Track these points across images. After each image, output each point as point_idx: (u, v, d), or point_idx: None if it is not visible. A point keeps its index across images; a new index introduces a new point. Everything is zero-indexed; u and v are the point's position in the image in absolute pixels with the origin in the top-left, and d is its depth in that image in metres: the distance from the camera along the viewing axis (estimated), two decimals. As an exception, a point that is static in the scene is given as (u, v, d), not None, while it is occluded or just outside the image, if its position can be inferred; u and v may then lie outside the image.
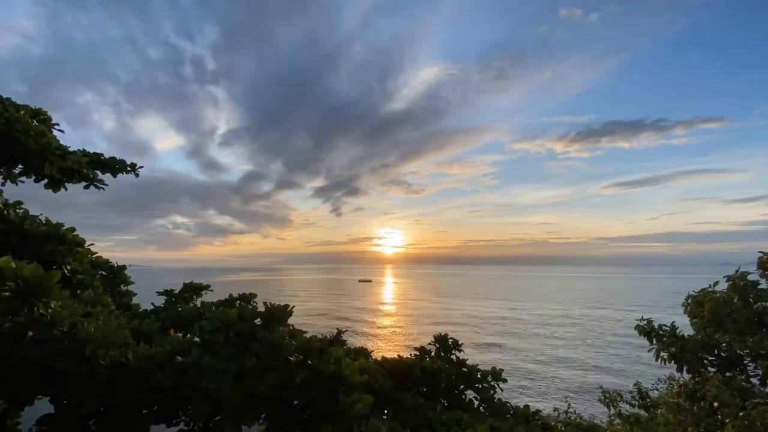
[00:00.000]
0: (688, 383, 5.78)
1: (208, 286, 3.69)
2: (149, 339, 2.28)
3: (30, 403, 1.95)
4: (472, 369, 3.07)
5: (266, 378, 1.99)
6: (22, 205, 3.19)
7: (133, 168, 3.85)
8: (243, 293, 3.51)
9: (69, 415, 1.85)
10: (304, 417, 2.21)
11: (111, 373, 1.78)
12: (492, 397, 2.96)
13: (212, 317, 2.28)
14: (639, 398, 6.43)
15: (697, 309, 6.33)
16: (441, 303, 65.88)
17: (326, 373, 2.15)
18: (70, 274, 2.99)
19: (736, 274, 6.31)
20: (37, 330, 1.67)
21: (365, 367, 2.44)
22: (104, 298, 2.76)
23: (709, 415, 4.80)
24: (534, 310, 55.44)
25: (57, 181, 3.34)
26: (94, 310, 2.28)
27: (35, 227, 2.95)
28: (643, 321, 6.65)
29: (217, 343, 2.03)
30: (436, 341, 3.32)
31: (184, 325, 2.92)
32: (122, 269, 3.59)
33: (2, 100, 3.09)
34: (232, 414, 1.87)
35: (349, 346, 3.03)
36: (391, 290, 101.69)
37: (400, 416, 2.33)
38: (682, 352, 5.79)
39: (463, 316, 50.04)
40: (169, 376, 1.81)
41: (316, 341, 2.35)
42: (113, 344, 1.82)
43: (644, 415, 5.92)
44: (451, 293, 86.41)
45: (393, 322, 46.00)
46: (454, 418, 2.33)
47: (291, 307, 2.48)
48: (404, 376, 2.82)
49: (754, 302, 5.98)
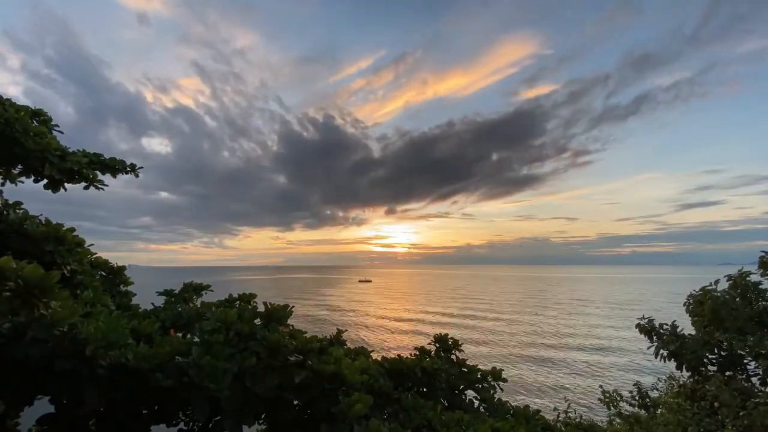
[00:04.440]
0: (687, 383, 5.78)
1: (208, 286, 3.69)
2: (149, 339, 2.28)
3: (30, 404, 1.95)
4: (472, 369, 3.07)
5: (266, 378, 1.99)
6: (21, 205, 3.19)
7: (133, 168, 3.86)
8: (243, 293, 3.51)
9: (69, 415, 1.85)
10: (304, 417, 2.20)
11: (111, 373, 1.78)
12: (492, 397, 2.96)
13: (212, 317, 2.28)
14: (639, 398, 6.43)
15: (698, 308, 6.34)
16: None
17: (326, 373, 2.15)
18: (70, 274, 3.00)
19: (737, 274, 6.32)
20: (37, 330, 1.66)
21: (365, 367, 2.44)
22: (104, 298, 2.76)
23: (709, 415, 4.80)
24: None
25: (57, 181, 3.34)
26: (94, 310, 2.28)
27: (35, 227, 2.95)
28: (644, 319, 6.66)
29: (217, 343, 2.03)
30: (436, 341, 3.32)
31: (184, 325, 2.92)
32: (122, 269, 3.59)
33: (2, 101, 3.10)
34: (232, 414, 1.87)
35: (349, 346, 3.03)
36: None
37: (400, 416, 2.33)
38: (682, 350, 5.80)
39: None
40: (169, 376, 1.80)
41: (316, 341, 2.35)
42: (113, 344, 1.81)
43: (644, 414, 5.91)
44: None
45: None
46: (455, 418, 2.33)
47: (291, 308, 2.49)
48: (404, 376, 2.82)
49: (754, 302, 5.99)
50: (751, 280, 6.15)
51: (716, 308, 5.88)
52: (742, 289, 6.07)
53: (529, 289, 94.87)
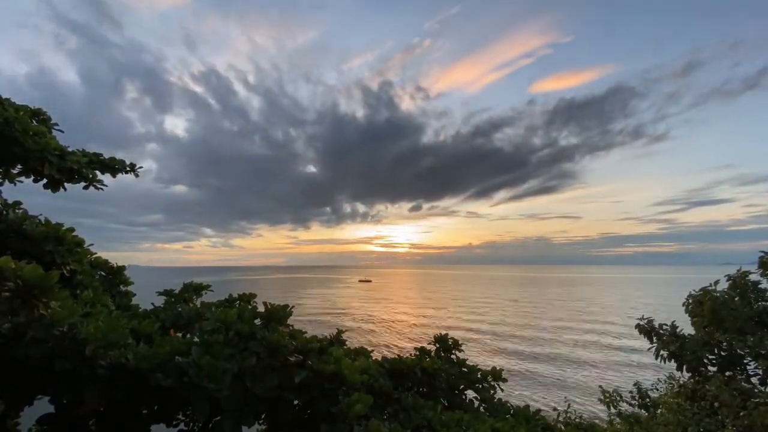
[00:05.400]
0: (688, 383, 5.78)
1: (208, 286, 3.68)
2: (149, 339, 2.28)
3: (30, 404, 1.95)
4: (472, 369, 3.07)
5: (266, 378, 1.99)
6: (21, 205, 3.19)
7: (133, 168, 3.86)
8: (243, 293, 3.51)
9: (69, 415, 1.85)
10: (304, 417, 2.20)
11: (111, 373, 1.77)
12: (492, 397, 2.96)
13: (212, 317, 2.28)
14: (639, 398, 6.43)
15: (697, 308, 6.34)
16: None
17: (326, 373, 2.15)
18: (70, 274, 2.99)
19: (736, 274, 6.32)
20: (37, 330, 1.66)
21: (365, 367, 2.44)
22: (104, 298, 2.76)
23: (710, 415, 4.80)
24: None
25: (56, 181, 3.33)
26: (93, 311, 2.27)
27: (35, 227, 2.95)
28: (643, 320, 6.66)
29: (217, 343, 2.03)
30: (436, 341, 3.32)
31: (184, 325, 2.92)
32: (121, 269, 3.59)
33: (2, 101, 3.09)
34: (232, 414, 1.87)
35: (349, 346, 3.03)
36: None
37: (400, 416, 2.33)
38: (682, 350, 5.80)
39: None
40: (169, 376, 1.80)
41: (316, 341, 2.35)
42: (113, 344, 1.81)
43: (644, 414, 5.92)
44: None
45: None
46: (455, 418, 2.33)
47: (291, 308, 2.48)
48: (404, 376, 2.82)
49: (754, 302, 5.99)
50: (750, 280, 6.15)
51: (716, 308, 5.88)
52: (741, 289, 6.07)
53: (543, 294, 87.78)
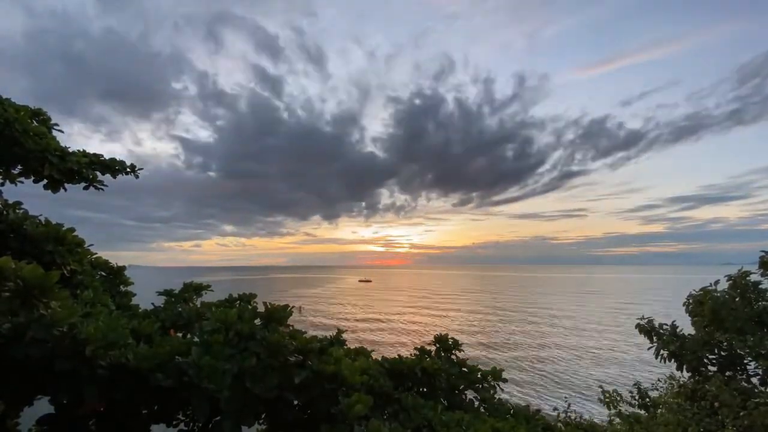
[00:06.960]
0: (688, 383, 5.78)
1: (208, 286, 3.68)
2: (149, 339, 2.28)
3: (30, 404, 1.95)
4: (472, 369, 3.07)
5: (266, 378, 1.99)
6: (21, 205, 3.19)
7: (133, 169, 3.86)
8: (243, 293, 3.51)
9: (69, 415, 1.85)
10: (304, 417, 2.21)
11: (111, 373, 1.78)
12: (492, 397, 2.96)
13: (212, 317, 2.28)
14: (639, 398, 6.43)
15: (697, 308, 6.34)
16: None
17: (326, 373, 2.15)
18: (70, 274, 3.00)
19: (736, 274, 6.31)
20: (37, 330, 1.66)
21: (365, 367, 2.44)
22: (104, 298, 2.76)
23: (710, 415, 4.80)
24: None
25: (56, 181, 3.34)
26: (94, 311, 2.28)
27: (35, 227, 2.95)
28: (643, 320, 6.65)
29: (217, 343, 2.03)
30: (436, 341, 3.32)
31: (184, 325, 2.92)
32: (122, 270, 3.59)
33: (2, 101, 3.10)
34: (232, 414, 1.87)
35: (349, 346, 3.03)
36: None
37: (400, 417, 2.33)
38: (682, 350, 5.80)
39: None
40: (169, 376, 1.80)
41: (316, 341, 2.35)
42: (113, 344, 1.81)
43: (644, 414, 5.91)
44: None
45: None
46: (455, 418, 2.33)
47: (290, 308, 2.48)
48: (404, 376, 2.82)
49: (754, 302, 5.99)
50: (751, 280, 6.14)
51: (716, 308, 5.88)
52: (741, 289, 6.07)
53: (544, 294, 80.00)
